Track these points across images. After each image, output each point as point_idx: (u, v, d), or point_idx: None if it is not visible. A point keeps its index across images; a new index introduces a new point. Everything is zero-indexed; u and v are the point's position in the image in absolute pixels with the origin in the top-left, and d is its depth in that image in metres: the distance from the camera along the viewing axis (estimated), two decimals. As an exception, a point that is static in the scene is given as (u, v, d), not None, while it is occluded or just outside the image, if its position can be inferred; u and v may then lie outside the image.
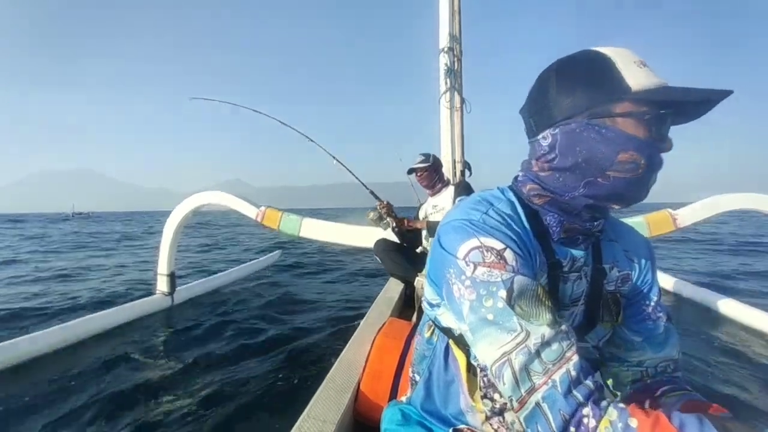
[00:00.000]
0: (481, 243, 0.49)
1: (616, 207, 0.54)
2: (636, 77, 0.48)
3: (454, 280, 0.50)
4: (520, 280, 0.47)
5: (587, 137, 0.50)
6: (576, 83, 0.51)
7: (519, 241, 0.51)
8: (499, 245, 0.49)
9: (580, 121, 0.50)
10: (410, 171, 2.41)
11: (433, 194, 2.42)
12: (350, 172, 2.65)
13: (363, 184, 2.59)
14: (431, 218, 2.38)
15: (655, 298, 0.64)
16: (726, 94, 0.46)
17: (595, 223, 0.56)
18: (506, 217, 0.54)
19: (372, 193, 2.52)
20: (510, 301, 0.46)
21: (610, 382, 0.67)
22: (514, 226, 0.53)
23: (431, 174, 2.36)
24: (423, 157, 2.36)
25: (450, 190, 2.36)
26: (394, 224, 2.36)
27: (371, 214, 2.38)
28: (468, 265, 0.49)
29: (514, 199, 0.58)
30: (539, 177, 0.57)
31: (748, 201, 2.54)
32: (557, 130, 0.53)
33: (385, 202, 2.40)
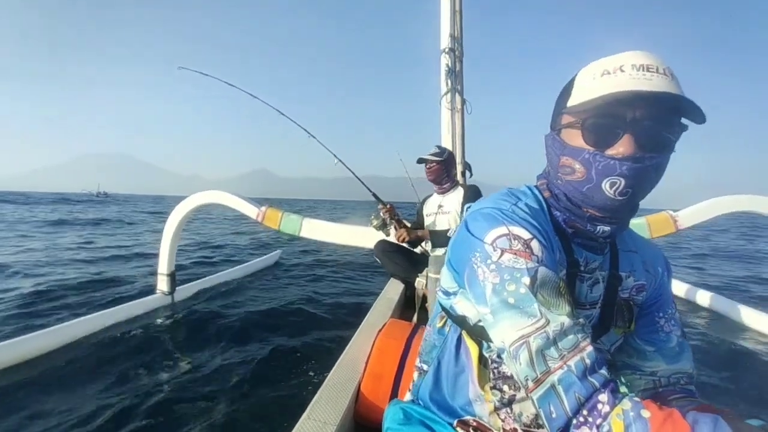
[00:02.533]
0: (509, 231, 0.52)
1: (596, 213, 0.55)
2: (583, 90, 0.52)
3: (479, 263, 0.52)
4: (543, 271, 0.48)
5: (547, 145, 0.61)
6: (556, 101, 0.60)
7: (544, 235, 0.54)
8: (526, 235, 0.51)
9: (548, 133, 0.61)
10: (420, 161, 2.28)
11: (439, 191, 2.34)
12: (351, 171, 2.63)
13: (365, 185, 2.56)
14: (436, 218, 2.32)
15: (669, 311, 0.66)
16: (673, 98, 0.46)
17: (598, 229, 0.56)
18: (533, 211, 0.57)
19: (374, 195, 2.47)
20: (533, 289, 0.47)
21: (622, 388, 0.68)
22: (540, 220, 0.56)
23: (441, 169, 2.24)
24: (438, 150, 2.26)
25: (459, 193, 2.27)
26: (399, 238, 2.29)
27: (375, 222, 2.34)
28: (495, 250, 0.51)
29: (540, 196, 0.62)
30: (546, 173, 0.64)
31: (749, 203, 2.54)
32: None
33: (387, 206, 2.34)
